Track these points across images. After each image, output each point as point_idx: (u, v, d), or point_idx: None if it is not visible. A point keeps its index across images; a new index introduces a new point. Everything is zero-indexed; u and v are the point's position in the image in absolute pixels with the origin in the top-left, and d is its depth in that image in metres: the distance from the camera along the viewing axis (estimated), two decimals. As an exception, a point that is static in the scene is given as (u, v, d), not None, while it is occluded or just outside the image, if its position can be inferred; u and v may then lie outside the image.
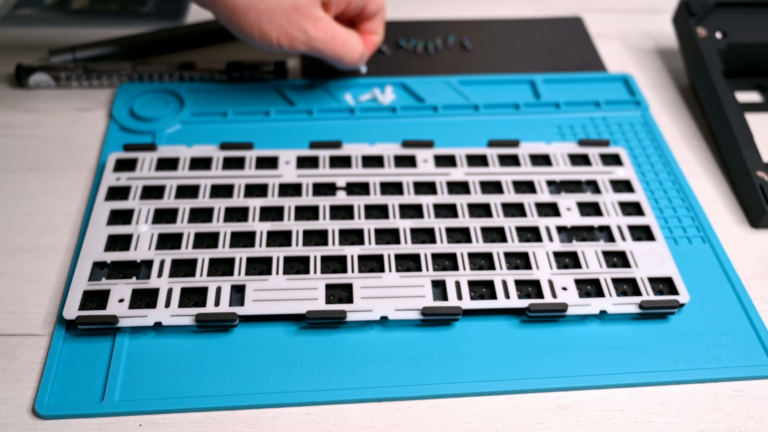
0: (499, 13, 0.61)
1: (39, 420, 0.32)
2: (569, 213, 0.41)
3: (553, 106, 0.50)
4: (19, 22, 0.57)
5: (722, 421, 0.34)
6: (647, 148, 0.47)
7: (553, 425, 0.33)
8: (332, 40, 0.42)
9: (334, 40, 0.43)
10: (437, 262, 0.39)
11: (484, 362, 0.35)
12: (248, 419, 0.33)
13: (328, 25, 0.42)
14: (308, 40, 0.42)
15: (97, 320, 0.35)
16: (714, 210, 0.45)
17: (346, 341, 0.36)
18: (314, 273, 0.37)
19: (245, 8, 0.40)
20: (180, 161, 0.43)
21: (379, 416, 0.33)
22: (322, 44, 0.42)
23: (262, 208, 0.41)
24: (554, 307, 0.36)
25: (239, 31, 0.41)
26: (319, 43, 0.42)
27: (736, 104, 0.48)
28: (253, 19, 0.40)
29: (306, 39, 0.42)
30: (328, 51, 0.43)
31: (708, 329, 0.37)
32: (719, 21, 0.52)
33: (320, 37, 0.42)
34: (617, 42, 0.59)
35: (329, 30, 0.42)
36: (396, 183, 0.43)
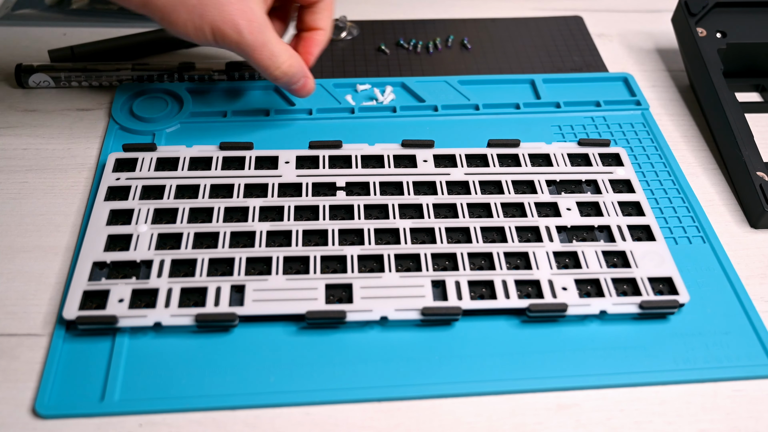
0: (499, 13, 0.61)
1: (39, 420, 0.32)
2: (569, 213, 0.41)
3: (553, 106, 0.50)
4: (19, 22, 0.57)
5: (722, 421, 0.34)
6: (647, 148, 0.47)
7: (553, 425, 0.33)
8: (261, 47, 0.39)
9: (263, 48, 0.40)
10: (437, 262, 0.39)
11: (484, 362, 0.35)
12: (248, 419, 0.33)
13: (262, 30, 0.39)
14: (239, 41, 0.39)
15: (96, 320, 0.35)
16: (714, 210, 0.45)
17: (345, 341, 0.36)
18: (314, 273, 0.37)
19: (175, 6, 0.38)
20: (180, 161, 0.43)
21: (379, 416, 0.33)
22: (250, 50, 0.39)
23: (262, 208, 0.41)
24: (554, 307, 0.36)
25: (175, 30, 0.39)
26: (248, 47, 0.39)
27: (736, 104, 0.48)
28: (185, 16, 0.38)
29: (237, 39, 0.39)
30: (254, 58, 0.40)
31: (708, 329, 0.37)
32: (719, 21, 0.52)
33: (251, 41, 0.39)
34: (617, 42, 0.59)
35: (263, 36, 0.39)
36: (396, 183, 0.43)
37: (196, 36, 0.39)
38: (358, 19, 0.59)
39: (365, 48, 0.56)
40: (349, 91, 0.50)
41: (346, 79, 0.51)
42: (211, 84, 0.50)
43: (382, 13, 0.60)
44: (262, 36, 0.39)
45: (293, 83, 0.42)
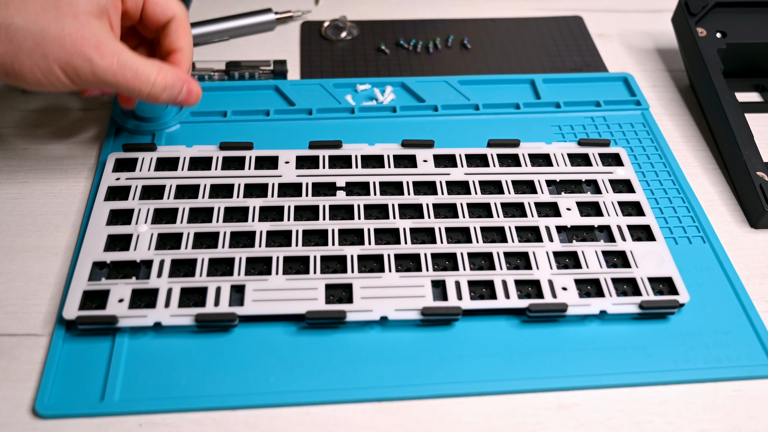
0: (499, 13, 0.61)
1: (39, 420, 0.32)
2: (569, 213, 0.41)
3: (553, 106, 0.50)
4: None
5: (722, 421, 0.34)
6: (647, 148, 0.47)
7: (553, 425, 0.33)
8: (122, 69, 0.36)
9: (124, 69, 0.36)
10: (437, 262, 0.39)
11: (484, 362, 0.35)
12: (248, 419, 0.33)
13: (115, 52, 0.35)
14: (94, 70, 0.35)
15: (96, 320, 0.35)
16: (714, 210, 0.45)
17: (345, 341, 0.36)
18: (314, 273, 0.37)
19: (13, 56, 0.34)
20: (179, 161, 0.43)
21: (379, 416, 0.33)
22: (110, 74, 0.35)
23: (262, 208, 0.41)
24: (554, 307, 0.36)
25: (24, 82, 0.35)
26: (107, 73, 0.35)
27: (736, 104, 0.48)
28: (28, 63, 0.34)
29: (91, 69, 0.35)
30: (119, 82, 0.36)
31: (708, 329, 0.37)
32: (719, 21, 0.52)
33: (107, 66, 0.35)
34: (617, 42, 0.59)
35: (118, 58, 0.35)
36: (396, 183, 0.43)
37: (48, 81, 0.35)
38: (358, 19, 0.59)
39: (365, 48, 0.56)
40: (349, 91, 0.50)
41: (346, 79, 0.51)
42: (211, 84, 0.50)
43: (382, 13, 0.60)
44: (118, 58, 0.35)
45: (175, 95, 0.38)
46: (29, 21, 0.34)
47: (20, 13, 0.34)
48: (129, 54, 0.36)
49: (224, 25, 0.56)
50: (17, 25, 0.34)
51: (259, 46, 0.56)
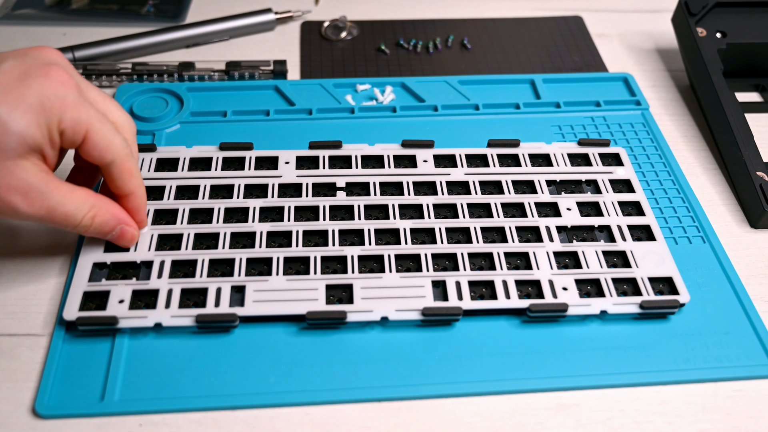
0: (499, 13, 0.61)
1: (39, 420, 0.32)
2: (569, 213, 0.41)
3: (553, 106, 0.50)
4: (19, 22, 0.57)
5: (722, 421, 0.34)
6: (647, 148, 0.47)
7: (553, 425, 0.33)
8: (50, 213, 0.33)
9: (53, 213, 0.33)
10: (437, 262, 0.39)
11: (484, 362, 0.35)
12: (248, 419, 0.33)
13: (44, 196, 0.33)
14: (21, 216, 0.33)
15: (97, 321, 0.34)
16: (714, 210, 0.45)
17: (346, 341, 0.36)
18: (314, 273, 0.37)
19: None
20: (179, 161, 0.43)
21: (379, 416, 0.33)
22: (37, 218, 0.33)
23: (262, 208, 0.41)
24: (555, 307, 0.36)
25: None
26: (34, 218, 0.33)
27: (736, 104, 0.48)
28: None
29: (18, 216, 0.33)
30: (48, 223, 0.34)
31: (708, 329, 0.37)
32: (719, 21, 0.52)
33: (34, 213, 0.33)
34: (617, 42, 0.59)
35: (47, 202, 0.33)
36: (396, 183, 0.43)
37: None
38: (358, 19, 0.59)
39: (365, 48, 0.56)
40: (349, 91, 0.50)
41: (346, 79, 0.51)
42: (211, 84, 0.50)
43: (382, 13, 0.60)
44: (46, 202, 0.33)
45: (104, 233, 0.36)
46: None
47: None
48: (58, 195, 0.33)
49: (224, 25, 0.56)
50: None
51: (259, 46, 0.56)
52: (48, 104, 0.32)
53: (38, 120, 0.32)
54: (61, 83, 0.32)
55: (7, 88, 0.31)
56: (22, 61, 0.32)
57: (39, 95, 0.31)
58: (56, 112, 0.32)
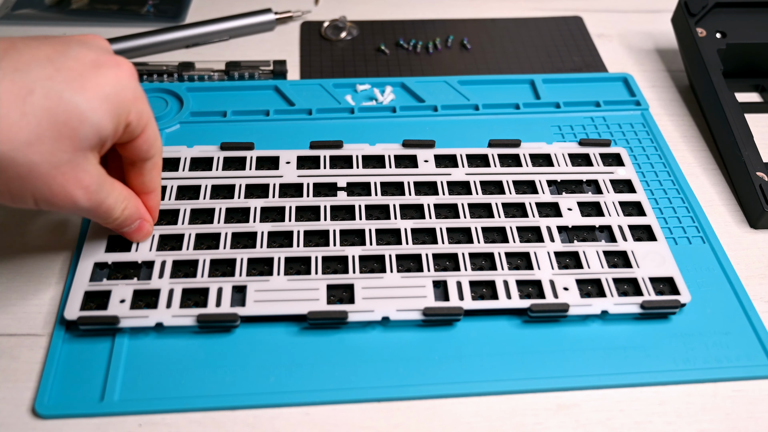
0: (499, 13, 0.61)
1: (39, 420, 0.32)
2: (570, 213, 0.41)
3: (553, 106, 0.50)
4: (19, 22, 0.57)
5: (722, 421, 0.34)
6: (647, 149, 0.47)
7: (553, 425, 0.33)
8: (98, 208, 0.33)
9: (100, 207, 0.33)
10: (438, 262, 0.39)
11: (484, 362, 0.35)
12: (248, 419, 0.33)
13: (99, 190, 0.32)
14: (73, 209, 0.32)
15: (98, 321, 0.34)
16: (714, 210, 0.45)
17: (347, 341, 0.36)
18: (315, 273, 0.37)
19: None
20: (180, 161, 0.43)
21: (379, 416, 0.33)
22: (85, 213, 0.33)
23: (263, 208, 0.41)
24: (556, 307, 0.36)
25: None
26: (83, 212, 0.33)
27: (736, 104, 0.48)
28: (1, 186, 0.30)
29: (71, 208, 0.32)
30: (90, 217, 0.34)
31: (708, 329, 0.37)
32: (718, 21, 0.52)
33: (86, 207, 0.32)
34: (617, 42, 0.59)
35: (99, 196, 0.33)
36: (397, 183, 0.43)
37: (13, 202, 0.31)
38: (358, 19, 0.59)
39: (365, 48, 0.56)
40: (349, 91, 0.50)
41: (346, 79, 0.51)
42: (211, 84, 0.50)
43: (382, 13, 0.60)
44: (99, 196, 0.32)
45: (124, 227, 0.36)
46: (18, 151, 0.28)
47: (8, 140, 0.28)
48: (107, 190, 0.33)
49: (224, 25, 0.56)
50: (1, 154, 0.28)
51: (259, 46, 0.56)
52: (122, 95, 0.31)
53: (112, 111, 0.31)
54: (132, 75, 0.32)
55: (82, 76, 0.30)
56: (88, 48, 0.31)
57: (114, 86, 0.31)
58: (128, 105, 0.31)
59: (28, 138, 0.28)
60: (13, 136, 0.28)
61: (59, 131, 0.29)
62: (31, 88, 0.28)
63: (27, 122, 0.28)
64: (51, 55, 0.30)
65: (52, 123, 0.29)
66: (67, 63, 0.30)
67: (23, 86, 0.28)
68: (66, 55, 0.30)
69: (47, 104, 0.29)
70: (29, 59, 0.29)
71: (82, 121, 0.30)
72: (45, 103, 0.29)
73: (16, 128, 0.28)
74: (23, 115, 0.28)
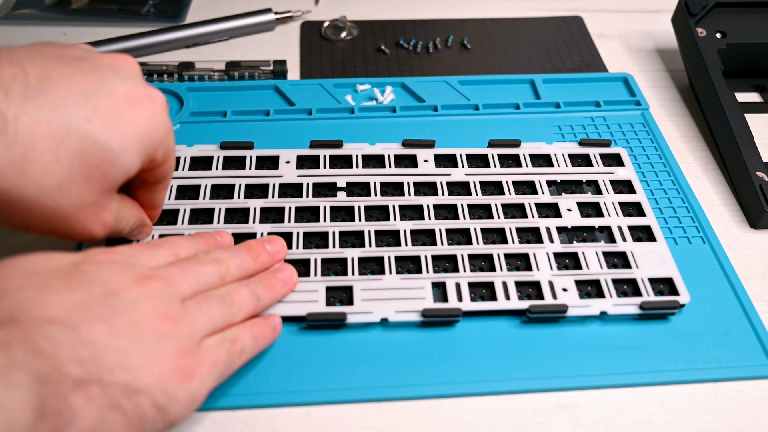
0: (499, 13, 0.61)
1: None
2: (570, 214, 0.41)
3: (553, 106, 0.50)
4: (19, 22, 0.57)
5: (722, 421, 0.34)
6: (647, 149, 0.47)
7: (552, 425, 0.33)
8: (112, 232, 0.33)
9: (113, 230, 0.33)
10: (437, 263, 0.39)
11: (484, 362, 0.35)
12: (248, 419, 0.33)
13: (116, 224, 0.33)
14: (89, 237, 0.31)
15: (97, 321, 0.34)
16: (714, 210, 0.45)
17: (346, 341, 0.36)
18: (314, 276, 0.37)
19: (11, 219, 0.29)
20: (180, 161, 0.43)
21: (379, 416, 0.33)
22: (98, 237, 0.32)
23: (263, 209, 0.41)
24: (555, 308, 0.36)
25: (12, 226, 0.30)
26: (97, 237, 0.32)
27: (736, 104, 0.48)
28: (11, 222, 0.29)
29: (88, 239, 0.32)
30: None
31: (708, 329, 0.37)
32: (719, 21, 0.52)
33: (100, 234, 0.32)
34: (617, 42, 0.59)
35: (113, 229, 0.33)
36: (397, 183, 0.43)
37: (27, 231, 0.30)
38: (358, 19, 0.59)
39: (365, 48, 0.56)
40: (349, 91, 0.50)
41: (346, 79, 0.51)
42: (211, 84, 0.50)
43: (382, 13, 0.60)
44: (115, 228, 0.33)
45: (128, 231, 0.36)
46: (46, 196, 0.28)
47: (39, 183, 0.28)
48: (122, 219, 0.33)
49: (224, 25, 0.56)
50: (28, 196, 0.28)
51: (259, 46, 0.56)
52: (154, 134, 0.31)
53: (143, 152, 0.31)
54: (164, 108, 0.32)
55: (118, 116, 0.29)
56: (121, 79, 0.31)
57: (148, 125, 0.30)
58: (158, 142, 0.31)
59: (59, 182, 0.28)
60: (44, 181, 0.28)
61: (89, 175, 0.29)
62: (67, 130, 0.28)
63: (60, 166, 0.28)
64: (86, 90, 0.29)
65: (83, 167, 0.29)
66: (102, 99, 0.29)
67: (60, 128, 0.28)
68: (101, 89, 0.29)
69: (81, 148, 0.28)
70: (66, 95, 0.28)
71: (114, 165, 0.29)
72: (79, 146, 0.28)
73: (48, 173, 0.28)
74: (57, 159, 0.28)
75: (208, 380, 0.29)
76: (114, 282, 0.28)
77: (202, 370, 0.28)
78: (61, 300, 0.26)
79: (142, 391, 0.26)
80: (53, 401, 0.23)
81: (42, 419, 0.23)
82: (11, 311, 0.25)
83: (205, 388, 0.29)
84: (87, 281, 0.27)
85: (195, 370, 0.28)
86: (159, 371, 0.27)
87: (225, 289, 0.32)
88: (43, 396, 0.23)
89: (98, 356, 0.25)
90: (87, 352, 0.25)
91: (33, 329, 0.24)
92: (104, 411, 0.25)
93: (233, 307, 0.31)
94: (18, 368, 0.23)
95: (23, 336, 0.24)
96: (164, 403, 0.26)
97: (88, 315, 0.26)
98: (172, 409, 0.27)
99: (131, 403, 0.26)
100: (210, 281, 0.32)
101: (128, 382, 0.26)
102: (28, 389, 0.23)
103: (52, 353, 0.24)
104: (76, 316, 0.26)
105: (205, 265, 0.32)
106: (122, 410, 0.25)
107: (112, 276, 0.28)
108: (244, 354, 0.31)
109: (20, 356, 0.23)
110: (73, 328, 0.25)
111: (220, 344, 0.30)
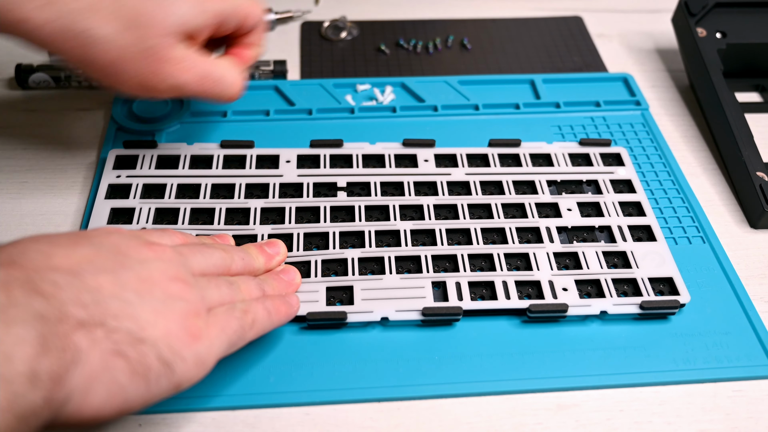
0: (499, 13, 0.61)
1: (39, 420, 0.32)
2: (570, 213, 0.41)
3: (553, 106, 0.50)
4: None
5: (722, 422, 0.34)
6: (647, 149, 0.47)
7: (552, 425, 0.33)
8: (202, 81, 0.36)
9: (205, 80, 0.36)
10: (438, 263, 0.39)
11: (484, 362, 0.35)
12: (248, 419, 0.33)
13: (195, 65, 0.35)
14: (174, 86, 0.35)
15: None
16: (714, 210, 0.45)
17: (346, 341, 0.36)
18: (315, 276, 0.37)
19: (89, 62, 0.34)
20: (180, 159, 0.43)
21: (379, 416, 0.33)
22: (191, 87, 0.35)
23: (263, 209, 0.41)
24: (555, 307, 0.36)
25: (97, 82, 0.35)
26: (188, 86, 0.35)
27: (736, 104, 0.48)
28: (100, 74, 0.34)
29: (171, 84, 0.35)
30: (200, 93, 0.36)
31: (708, 329, 0.37)
32: (719, 21, 0.52)
33: (187, 80, 0.35)
34: (617, 42, 0.59)
35: (197, 69, 0.35)
36: (397, 183, 0.43)
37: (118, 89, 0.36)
38: (358, 19, 0.59)
39: (365, 48, 0.56)
40: (349, 91, 0.50)
41: (346, 79, 0.51)
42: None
43: (382, 13, 0.60)
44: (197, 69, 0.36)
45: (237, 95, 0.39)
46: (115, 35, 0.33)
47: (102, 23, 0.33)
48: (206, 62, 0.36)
49: (224, 24, 0.56)
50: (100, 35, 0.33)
51: (259, 46, 0.56)
52: None
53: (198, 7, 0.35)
54: None
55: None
56: None
57: None
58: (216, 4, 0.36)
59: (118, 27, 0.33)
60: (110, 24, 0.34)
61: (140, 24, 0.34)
62: None
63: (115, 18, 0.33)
64: None
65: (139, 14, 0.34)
66: None
67: None
68: None
69: None
70: None
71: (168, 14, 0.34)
72: None
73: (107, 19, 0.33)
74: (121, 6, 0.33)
75: (216, 344, 0.28)
76: (124, 245, 0.28)
77: (210, 333, 0.28)
78: (67, 253, 0.25)
79: (147, 342, 0.25)
80: (55, 339, 0.23)
81: (45, 353, 0.22)
82: (14, 257, 0.24)
83: (214, 351, 0.28)
84: (96, 243, 0.27)
85: (203, 333, 0.27)
86: (165, 326, 0.26)
87: (232, 277, 0.32)
88: (44, 332, 0.23)
89: (102, 302, 0.25)
90: (91, 297, 0.24)
91: (35, 273, 0.24)
92: (108, 356, 0.24)
93: (240, 293, 0.31)
94: (16, 306, 0.22)
95: (24, 278, 0.23)
96: (170, 358, 0.26)
97: (95, 266, 0.26)
98: (178, 367, 0.26)
99: (136, 352, 0.25)
100: (218, 264, 0.32)
101: (133, 330, 0.25)
102: (26, 324, 0.22)
103: (53, 294, 0.24)
104: (82, 266, 0.25)
105: (213, 249, 0.32)
106: (126, 358, 0.25)
107: (122, 240, 0.28)
108: (256, 325, 0.30)
109: (19, 295, 0.23)
110: (77, 275, 0.25)
111: (230, 311, 0.29)
